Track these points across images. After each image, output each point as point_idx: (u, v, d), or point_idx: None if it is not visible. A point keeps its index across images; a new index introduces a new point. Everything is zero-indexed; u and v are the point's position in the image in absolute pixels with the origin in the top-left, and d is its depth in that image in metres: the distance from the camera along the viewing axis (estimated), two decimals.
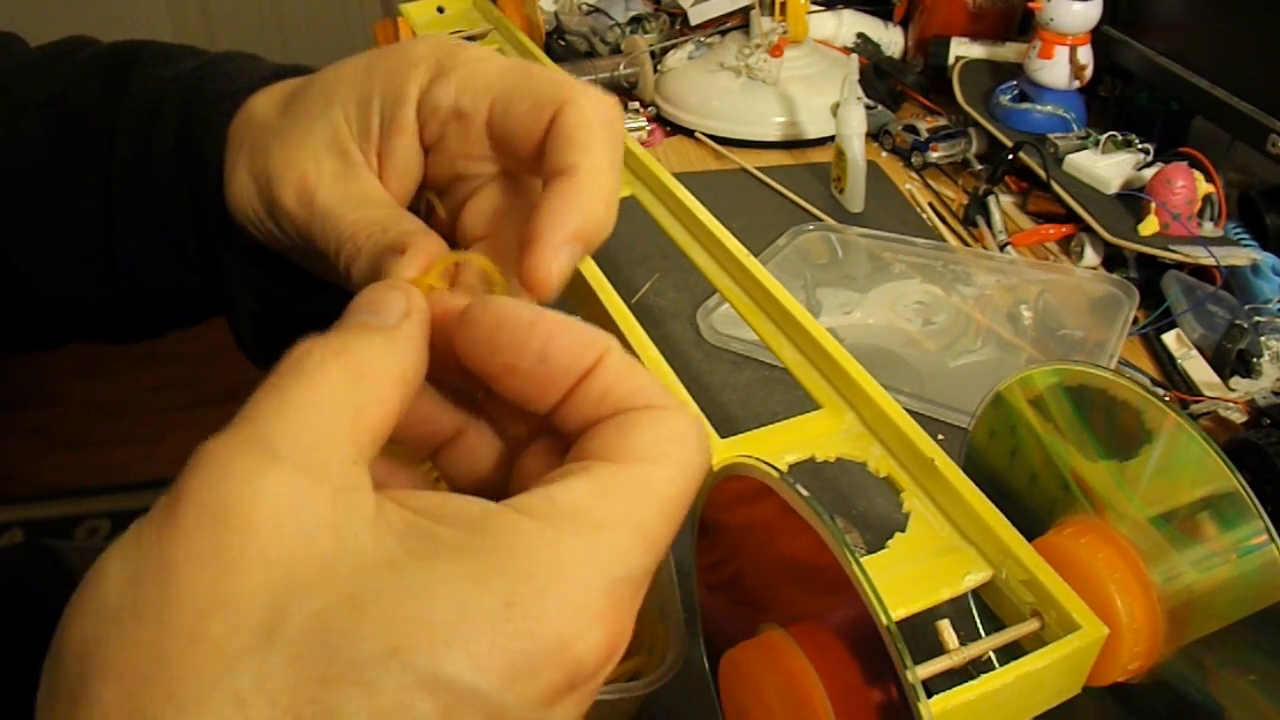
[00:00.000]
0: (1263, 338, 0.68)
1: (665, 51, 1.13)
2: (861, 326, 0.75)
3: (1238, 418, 0.64)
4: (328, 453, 0.21)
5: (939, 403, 0.66)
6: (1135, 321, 0.74)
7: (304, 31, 2.47)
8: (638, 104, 1.06)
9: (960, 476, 0.33)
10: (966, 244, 0.86)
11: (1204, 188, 0.79)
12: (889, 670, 0.26)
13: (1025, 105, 0.94)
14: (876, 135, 1.01)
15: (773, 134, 1.01)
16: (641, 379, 0.24)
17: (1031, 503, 0.38)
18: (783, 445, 0.35)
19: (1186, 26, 0.87)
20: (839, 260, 0.84)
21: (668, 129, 1.05)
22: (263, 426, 0.21)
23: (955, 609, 0.32)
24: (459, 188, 0.36)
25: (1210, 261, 0.74)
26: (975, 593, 0.32)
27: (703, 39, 1.13)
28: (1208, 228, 0.79)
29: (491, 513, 0.21)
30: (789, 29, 1.01)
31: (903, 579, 0.31)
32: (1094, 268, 0.81)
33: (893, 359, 0.72)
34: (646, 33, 1.15)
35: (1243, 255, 0.75)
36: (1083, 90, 0.94)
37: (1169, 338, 0.72)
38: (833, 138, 0.90)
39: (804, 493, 0.28)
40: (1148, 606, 0.33)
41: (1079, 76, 0.91)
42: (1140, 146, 0.86)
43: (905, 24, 1.16)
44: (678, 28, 1.16)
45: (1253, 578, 0.32)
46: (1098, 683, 0.33)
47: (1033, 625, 0.31)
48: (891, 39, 1.15)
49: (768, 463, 0.30)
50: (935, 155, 0.97)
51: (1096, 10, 0.90)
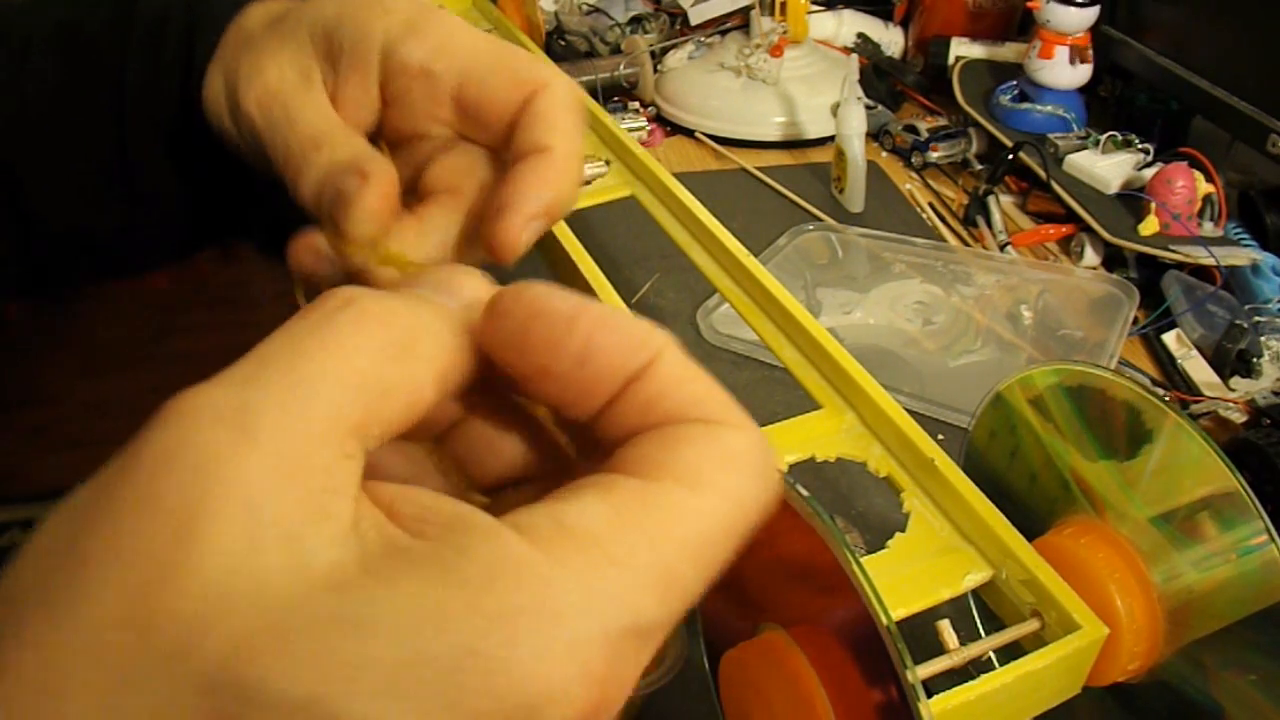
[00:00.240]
0: (1263, 338, 0.68)
1: (665, 51, 1.13)
2: (861, 326, 0.75)
3: (1238, 418, 0.64)
4: (317, 445, 0.17)
5: (939, 403, 0.66)
6: (1135, 321, 0.74)
7: None
8: (638, 104, 1.06)
9: (960, 476, 0.33)
10: (966, 244, 0.86)
11: (1204, 188, 0.79)
12: (889, 670, 0.26)
13: (1025, 105, 0.94)
14: (876, 135, 1.01)
15: (773, 134, 1.01)
16: (699, 387, 0.20)
17: (1031, 503, 0.38)
18: (783, 445, 0.36)
19: (1186, 26, 0.87)
20: (839, 260, 0.84)
21: (668, 129, 1.05)
22: (253, 394, 0.17)
23: (955, 609, 0.32)
24: (415, 146, 0.37)
25: (1210, 261, 0.74)
26: (975, 593, 0.32)
27: (703, 39, 1.13)
28: (1208, 228, 0.79)
29: (479, 528, 0.17)
30: (789, 29, 1.01)
31: (903, 579, 0.31)
32: (1094, 268, 0.81)
33: (893, 359, 0.72)
34: (646, 33, 1.15)
35: (1243, 255, 0.75)
36: (1083, 90, 0.94)
37: (1169, 338, 0.72)
38: (833, 138, 0.90)
39: (804, 493, 0.28)
40: (1148, 606, 0.33)
41: (1083, 59, 0.91)
42: (1140, 146, 0.86)
43: (905, 24, 1.16)
44: (678, 28, 1.16)
45: (1253, 578, 0.32)
46: (1098, 683, 0.33)
47: (1033, 625, 0.31)
48: (891, 39, 1.15)
49: None
50: (935, 155, 0.97)
51: (1095, 10, 0.90)
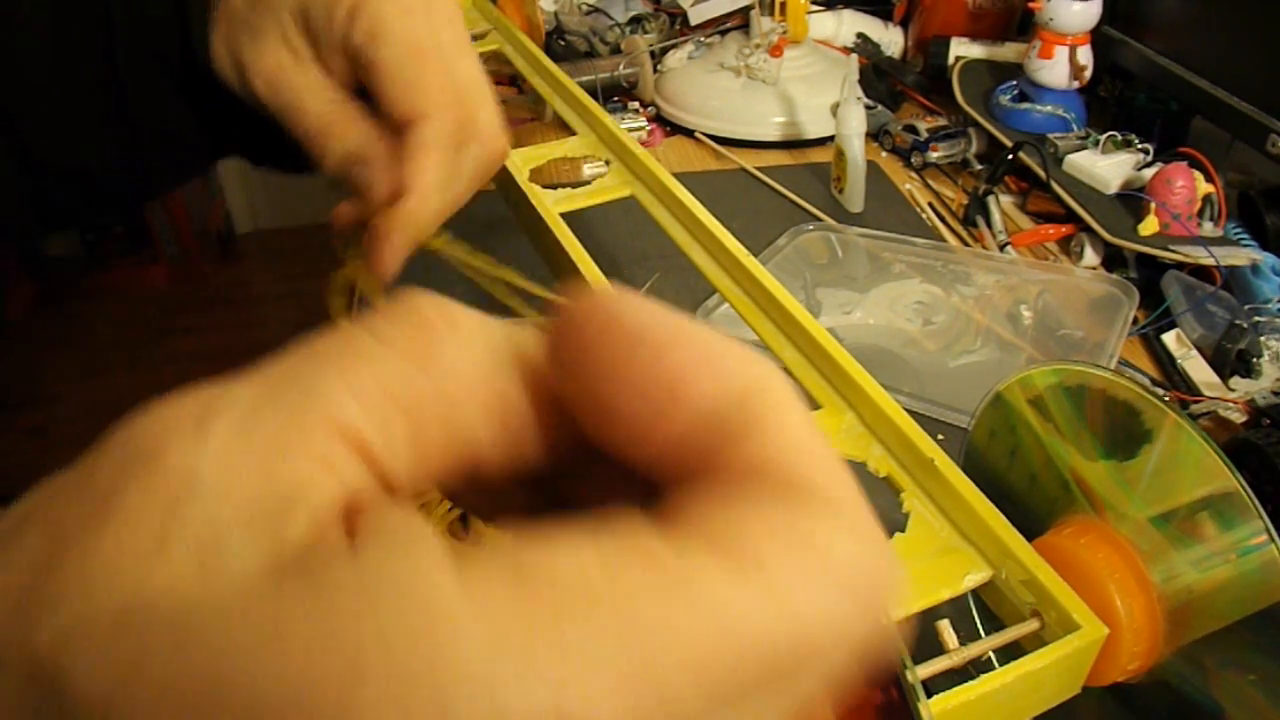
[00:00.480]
0: (1262, 338, 0.68)
1: (665, 51, 1.13)
2: (861, 326, 0.75)
3: (1238, 418, 0.64)
4: (283, 449, 0.13)
5: (939, 403, 0.66)
6: (1135, 321, 0.74)
7: None
8: (638, 104, 1.06)
9: (960, 476, 0.33)
10: (966, 244, 0.86)
11: (1204, 188, 0.79)
12: (889, 670, 0.26)
13: (1025, 105, 0.94)
14: (876, 135, 1.01)
15: (773, 134, 1.01)
16: (811, 456, 0.14)
17: (1031, 503, 0.38)
18: None
19: (1186, 26, 0.87)
20: (839, 260, 0.84)
21: (668, 129, 1.05)
22: (233, 390, 0.14)
23: (955, 609, 0.32)
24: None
25: (1210, 261, 0.74)
26: (975, 593, 0.32)
27: (703, 39, 1.13)
28: (1208, 228, 0.79)
29: (401, 545, 0.12)
30: (789, 29, 1.01)
31: (903, 579, 0.31)
32: (1094, 268, 0.81)
33: (893, 359, 0.72)
34: (646, 33, 1.15)
35: (1243, 255, 0.75)
36: (1083, 90, 0.94)
37: (1169, 338, 0.72)
38: (833, 138, 0.90)
39: None
40: (1148, 606, 0.33)
41: (1078, 77, 0.92)
42: (1140, 146, 0.86)
43: (905, 24, 1.16)
44: (678, 28, 1.16)
45: (1252, 578, 0.32)
46: (1098, 683, 0.33)
47: (1033, 625, 0.31)
48: (891, 39, 1.15)
49: None
50: (935, 155, 0.97)
51: (1096, 10, 0.90)
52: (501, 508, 0.17)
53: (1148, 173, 0.82)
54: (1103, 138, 0.87)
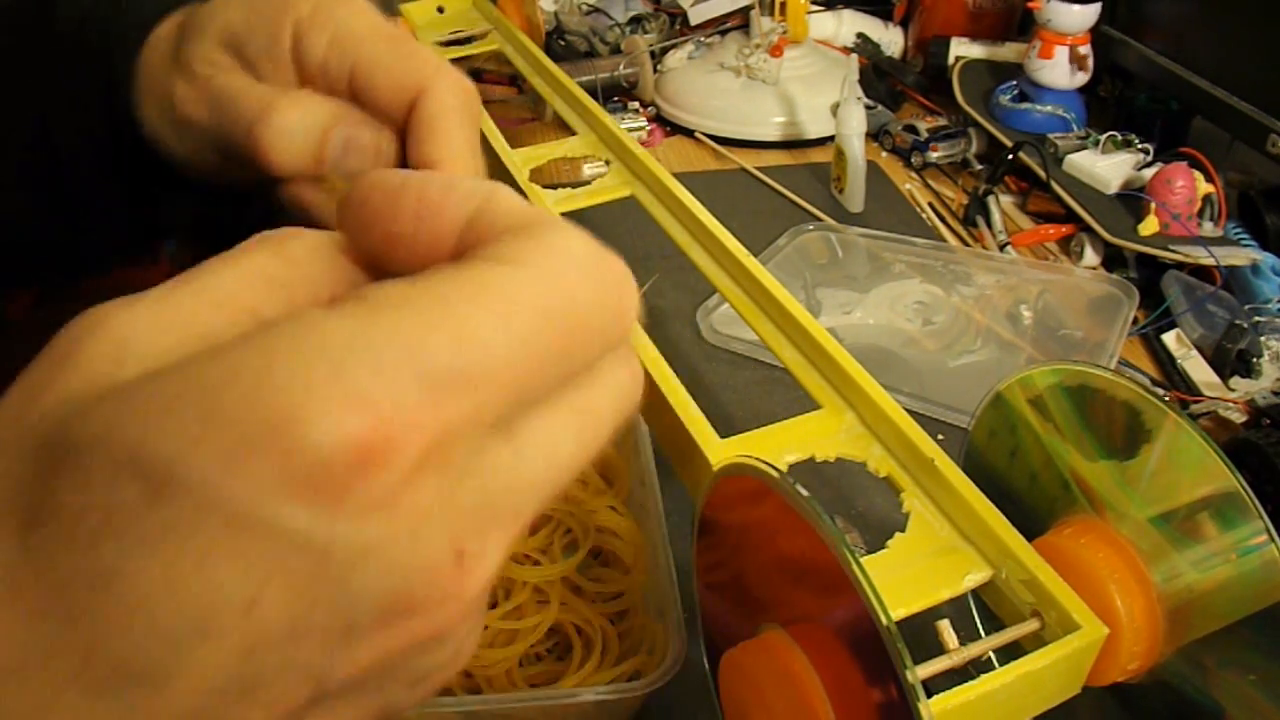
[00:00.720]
0: (1262, 338, 0.68)
1: (665, 51, 1.13)
2: (861, 326, 0.75)
3: (1238, 418, 0.64)
4: (196, 304, 0.19)
5: (939, 403, 0.66)
6: (1135, 321, 0.74)
7: None
8: (638, 104, 1.07)
9: (960, 476, 0.33)
10: (966, 244, 0.86)
11: (1204, 188, 0.79)
12: (889, 670, 0.26)
13: (1025, 105, 0.94)
14: (876, 135, 1.01)
15: (773, 134, 1.01)
16: (533, 211, 0.20)
17: (1031, 503, 0.38)
18: (783, 445, 0.36)
19: (1186, 26, 0.87)
20: (839, 260, 0.84)
21: (668, 129, 1.05)
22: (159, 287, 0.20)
23: (955, 609, 0.32)
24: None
25: (1210, 261, 0.74)
26: (975, 593, 0.32)
27: (703, 39, 1.13)
28: (1208, 228, 0.79)
29: (291, 315, 0.18)
30: (789, 29, 1.01)
31: (903, 579, 0.31)
32: (1094, 268, 0.81)
33: (893, 359, 0.72)
34: (646, 33, 1.15)
35: (1243, 255, 0.75)
36: (1083, 90, 0.94)
37: (1169, 338, 0.72)
38: (833, 138, 0.90)
39: (804, 493, 0.28)
40: (1148, 606, 0.33)
41: (1082, 67, 0.91)
42: (1140, 146, 0.86)
43: (905, 24, 1.16)
44: (678, 28, 1.16)
45: (1253, 578, 0.32)
46: (1098, 683, 0.33)
47: (1033, 625, 0.31)
48: (891, 39, 1.15)
49: (768, 463, 0.30)
50: (935, 155, 0.97)
51: (1095, 10, 0.90)
52: None
53: (1148, 173, 0.82)
54: (1103, 138, 0.87)
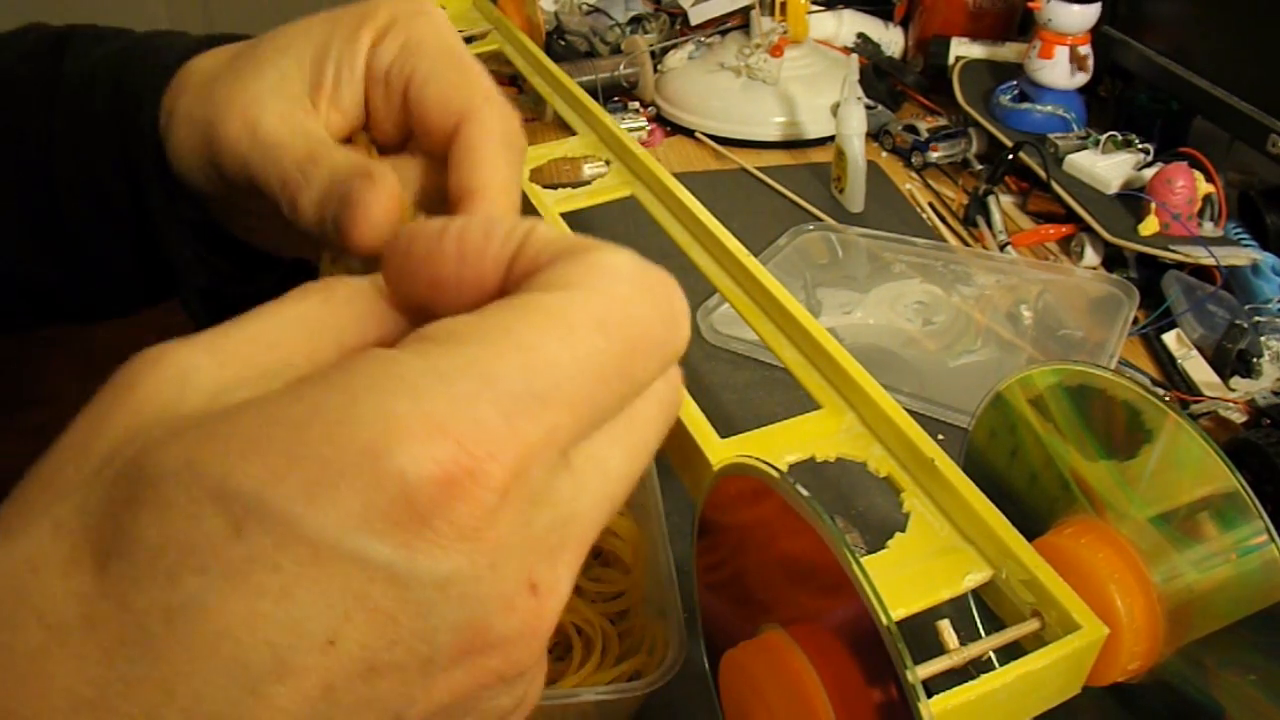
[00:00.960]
0: (1263, 338, 0.68)
1: (665, 51, 1.13)
2: (861, 326, 0.75)
3: (1238, 418, 0.64)
4: (251, 347, 0.20)
5: (939, 403, 0.66)
6: (1135, 321, 0.74)
7: None
8: (638, 104, 1.06)
9: (960, 476, 0.33)
10: (966, 244, 0.86)
11: (1204, 188, 0.79)
12: (889, 670, 0.26)
13: (1025, 105, 0.94)
14: (876, 135, 1.01)
15: (773, 134, 1.01)
16: (574, 238, 0.21)
17: (1031, 503, 0.38)
18: (783, 445, 0.36)
19: (1186, 26, 0.87)
20: (839, 260, 0.84)
21: (668, 129, 1.05)
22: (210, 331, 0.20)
23: (955, 609, 0.32)
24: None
25: (1210, 261, 0.74)
26: (975, 593, 0.32)
27: (703, 39, 1.13)
28: (1208, 228, 0.79)
29: (361, 353, 0.19)
30: (789, 29, 1.01)
31: (903, 579, 0.31)
32: (1094, 268, 0.81)
33: (893, 359, 0.72)
34: (646, 33, 1.15)
35: (1243, 255, 0.75)
36: (1083, 90, 0.94)
37: (1169, 338, 0.72)
38: (833, 138, 0.90)
39: (804, 493, 0.28)
40: (1148, 606, 0.33)
41: (1082, 67, 0.91)
42: (1140, 146, 0.86)
43: (905, 24, 1.16)
44: (678, 28, 1.16)
45: (1253, 578, 0.32)
46: (1098, 683, 0.33)
47: (1033, 625, 0.31)
48: (891, 39, 1.15)
49: (768, 463, 0.30)
50: (935, 155, 0.97)
51: (1095, 10, 0.90)
52: None
53: (1148, 173, 0.82)
54: (1103, 138, 0.87)
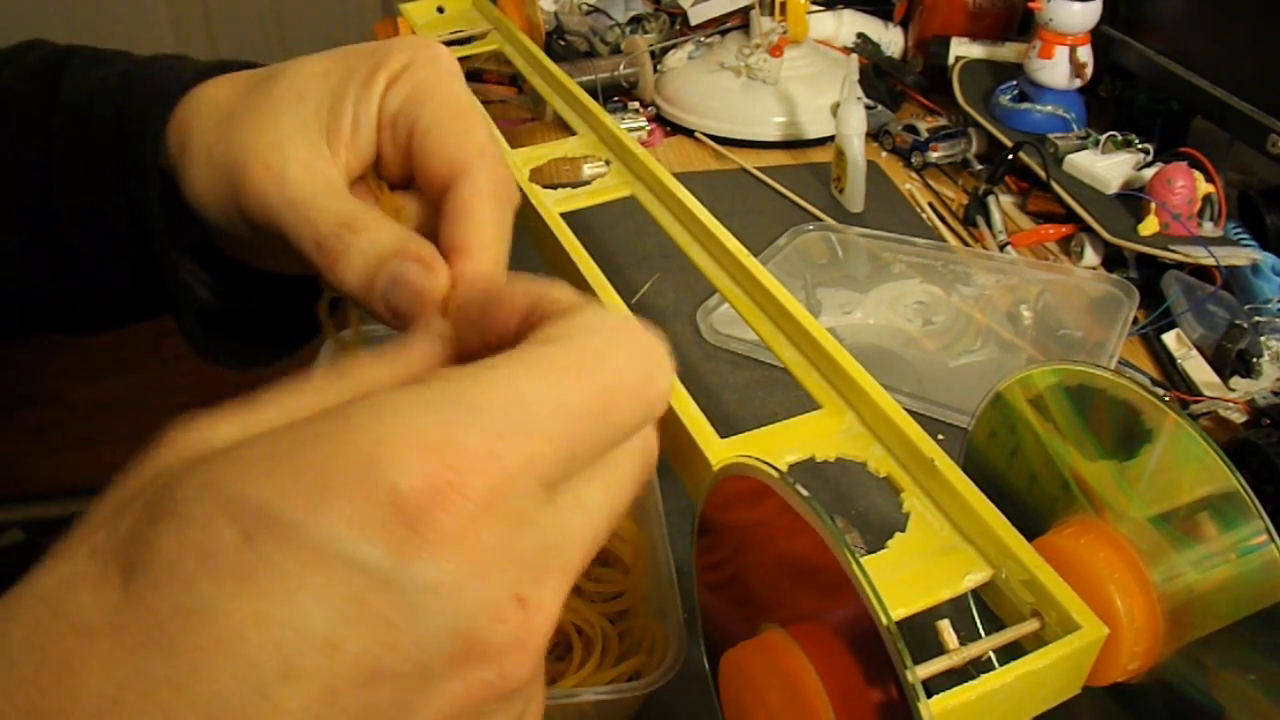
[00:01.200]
0: (1262, 338, 0.68)
1: (665, 51, 1.13)
2: (861, 326, 0.75)
3: (1238, 418, 0.64)
4: (275, 410, 0.23)
5: (939, 403, 0.66)
6: (1135, 321, 0.74)
7: (304, 31, 2.47)
8: (638, 104, 1.06)
9: (960, 476, 0.33)
10: (966, 244, 0.86)
11: (1204, 188, 0.79)
12: (889, 670, 0.26)
13: (1025, 105, 0.94)
14: (876, 135, 1.01)
15: (773, 134, 1.01)
16: (578, 299, 0.24)
17: (1031, 503, 0.38)
18: (783, 445, 0.36)
19: (1186, 26, 0.87)
20: (839, 260, 0.84)
21: (668, 129, 1.05)
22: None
23: (955, 609, 0.32)
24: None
25: (1210, 261, 0.74)
26: (975, 593, 0.32)
27: (703, 39, 1.13)
28: (1208, 228, 0.79)
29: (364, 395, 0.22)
30: (789, 29, 1.01)
31: (903, 579, 0.31)
32: (1094, 268, 0.81)
33: (893, 359, 0.72)
34: (646, 33, 1.15)
35: (1243, 255, 0.75)
36: (1083, 90, 0.94)
37: (1169, 338, 0.72)
38: (833, 138, 0.90)
39: (804, 493, 0.28)
40: (1148, 606, 0.33)
41: (1080, 74, 0.91)
42: (1140, 146, 0.86)
43: (905, 24, 1.16)
44: (678, 28, 1.16)
45: (1253, 578, 0.32)
46: (1098, 683, 0.33)
47: (1033, 625, 0.31)
48: (891, 39, 1.15)
49: (768, 463, 0.30)
50: (935, 155, 0.97)
51: (1095, 10, 0.90)
52: None
53: (1148, 173, 0.82)
54: (1103, 138, 0.87)
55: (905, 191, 0.94)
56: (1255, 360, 0.67)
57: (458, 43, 0.72)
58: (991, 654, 0.30)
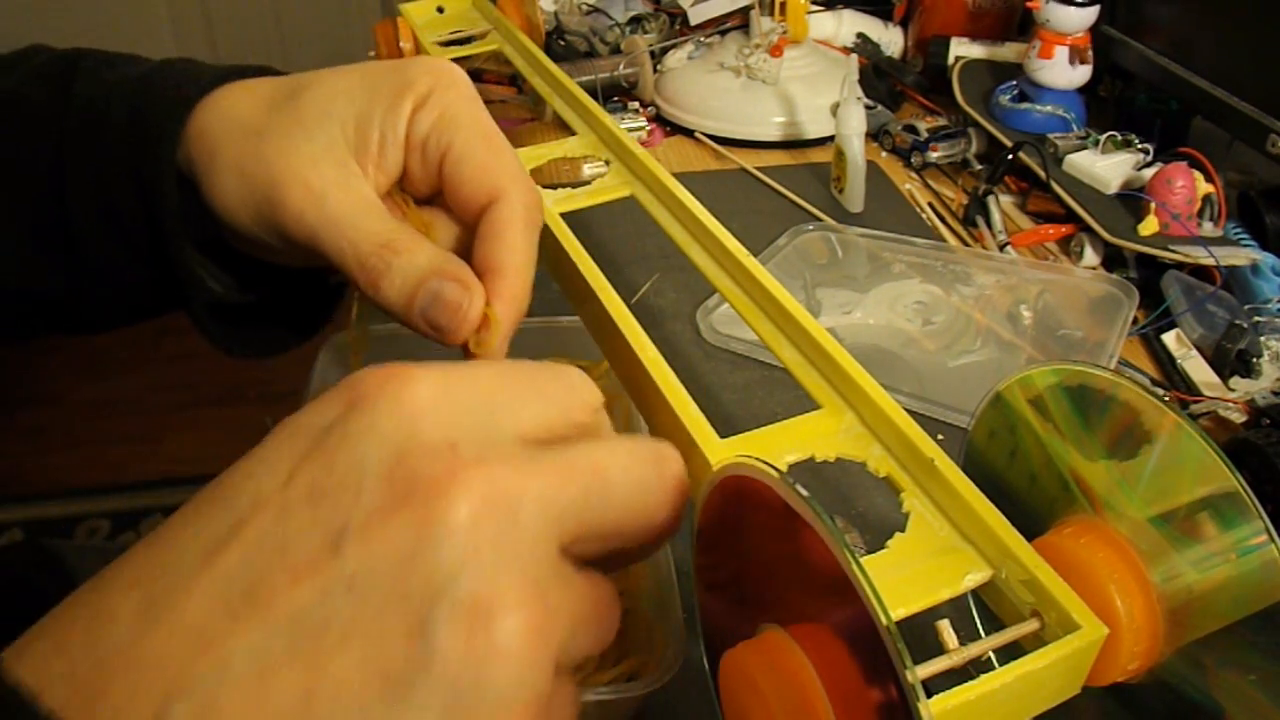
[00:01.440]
0: (1262, 338, 0.68)
1: (665, 51, 1.13)
2: (861, 326, 0.75)
3: (1237, 418, 0.64)
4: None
5: (939, 403, 0.66)
6: (1135, 321, 0.74)
7: (304, 31, 2.47)
8: (637, 104, 1.06)
9: (960, 476, 0.33)
10: (966, 244, 0.86)
11: (1204, 188, 0.79)
12: (889, 670, 0.26)
13: (1025, 105, 0.94)
14: (876, 135, 1.01)
15: (773, 134, 1.01)
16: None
17: (1031, 503, 0.38)
18: (783, 445, 0.35)
19: (1186, 26, 0.87)
20: (839, 260, 0.84)
21: (667, 129, 1.05)
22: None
23: (955, 609, 0.32)
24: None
25: (1210, 261, 0.74)
26: (975, 593, 0.32)
27: (702, 39, 1.13)
28: (1207, 228, 0.79)
29: None
30: (789, 29, 1.01)
31: (903, 579, 0.31)
32: (1094, 268, 0.81)
33: (893, 359, 0.72)
34: (646, 33, 1.15)
35: (1242, 255, 0.75)
36: (1082, 90, 0.94)
37: (1169, 338, 0.72)
38: (833, 138, 0.90)
39: (804, 493, 0.28)
40: (1147, 606, 0.33)
41: (1082, 61, 0.91)
42: (1140, 146, 0.86)
43: (905, 24, 1.16)
44: (677, 28, 1.16)
45: (1252, 578, 0.32)
46: (1098, 683, 0.33)
47: (1032, 625, 0.31)
48: (891, 39, 1.15)
49: (767, 463, 0.30)
50: (935, 155, 0.97)
51: (1093, 10, 0.90)
52: None
53: (1148, 173, 0.82)
54: (1103, 138, 0.87)
55: (905, 191, 0.94)
56: (1255, 360, 0.67)
57: (457, 43, 0.72)
58: (991, 654, 0.30)
